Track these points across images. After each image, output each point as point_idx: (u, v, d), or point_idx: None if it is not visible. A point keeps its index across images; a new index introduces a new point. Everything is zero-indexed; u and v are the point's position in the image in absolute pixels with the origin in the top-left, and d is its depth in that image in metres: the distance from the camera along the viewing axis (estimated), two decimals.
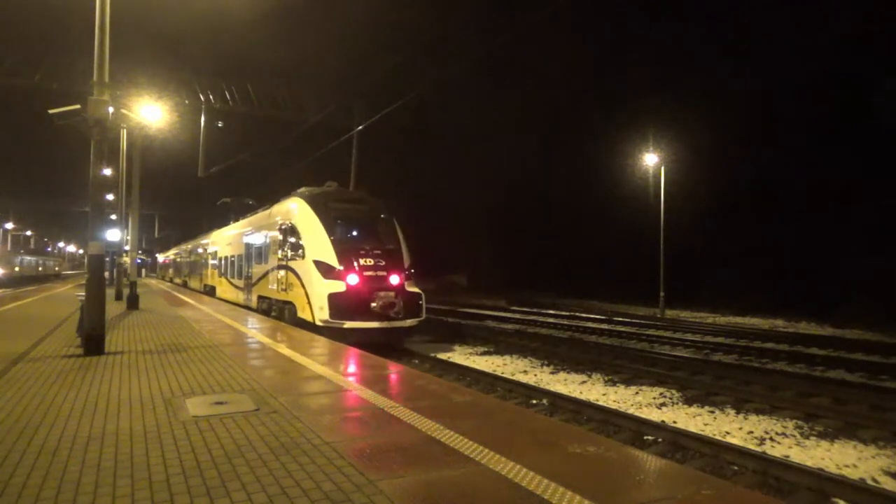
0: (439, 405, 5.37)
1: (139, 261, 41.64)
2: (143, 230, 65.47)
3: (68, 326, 11.08)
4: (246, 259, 19.34)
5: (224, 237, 24.22)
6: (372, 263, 13.12)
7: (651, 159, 26.83)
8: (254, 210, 20.98)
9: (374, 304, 12.56)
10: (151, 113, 17.58)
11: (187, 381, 6.35)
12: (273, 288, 15.64)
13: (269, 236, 16.38)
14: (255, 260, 18.20)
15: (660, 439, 7.17)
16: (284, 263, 14.62)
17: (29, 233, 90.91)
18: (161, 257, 62.74)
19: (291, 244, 14.28)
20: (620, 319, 22.62)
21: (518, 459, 3.78)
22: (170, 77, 27.00)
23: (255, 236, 18.42)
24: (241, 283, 19.76)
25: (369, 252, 13.32)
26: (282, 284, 14.82)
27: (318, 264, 13.02)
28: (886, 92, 26.33)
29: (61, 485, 3.37)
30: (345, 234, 13.99)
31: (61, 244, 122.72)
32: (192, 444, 4.10)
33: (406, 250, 14.15)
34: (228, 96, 27.65)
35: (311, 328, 12.43)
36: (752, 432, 7.56)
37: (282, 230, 14.98)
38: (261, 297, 17.20)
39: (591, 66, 58.42)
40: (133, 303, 16.70)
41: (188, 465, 3.70)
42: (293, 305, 13.98)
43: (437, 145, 55.35)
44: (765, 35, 37.94)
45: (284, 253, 14.62)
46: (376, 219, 14.59)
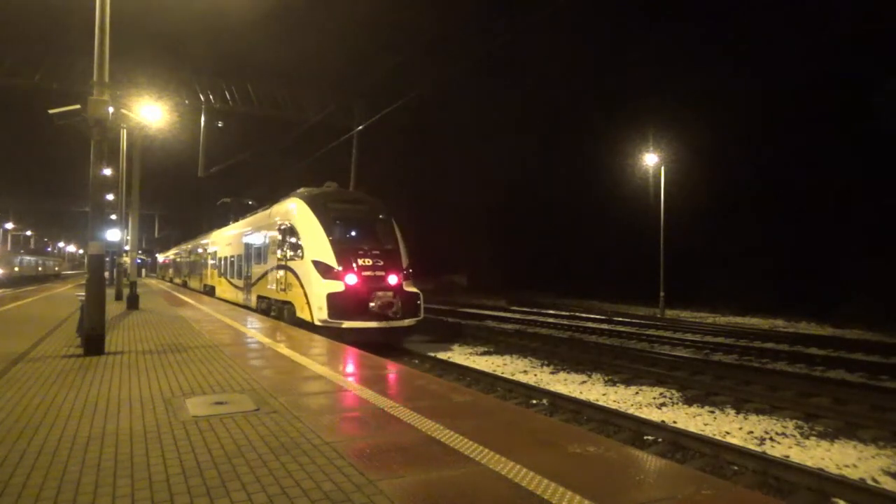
0: (439, 405, 5.37)
1: (139, 261, 41.62)
2: (143, 230, 65.53)
3: (68, 326, 11.09)
4: (245, 259, 19.35)
5: (224, 237, 24.23)
6: (370, 263, 13.14)
7: (651, 159, 26.82)
8: (253, 210, 21.01)
9: (373, 304, 12.58)
10: (151, 113, 17.58)
11: (187, 381, 6.35)
12: (272, 288, 15.66)
13: (269, 236, 16.39)
14: (254, 260, 18.21)
15: (660, 439, 7.17)
16: (284, 264, 14.64)
17: (29, 233, 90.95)
18: (161, 257, 62.73)
19: (290, 244, 14.30)
20: (620, 319, 22.62)
21: (518, 459, 3.78)
22: (170, 77, 27.00)
23: (254, 236, 18.43)
24: (241, 283, 19.77)
25: (368, 252, 13.34)
26: (281, 284, 14.84)
27: (317, 264, 13.04)
28: (886, 92, 26.32)
29: (61, 485, 3.37)
30: (343, 234, 14.02)
31: (61, 244, 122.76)
32: (192, 444, 4.10)
33: (404, 250, 14.16)
34: (228, 96, 27.63)
35: (310, 328, 12.44)
36: (752, 432, 7.56)
37: (281, 230, 15.00)
38: (260, 297, 17.22)
39: (591, 66, 58.46)
40: (133, 303, 16.72)
41: (188, 465, 3.70)
42: (292, 305, 14.00)
43: (437, 145, 55.33)
44: (765, 35, 37.97)
45: (284, 253, 14.64)
46: (375, 219, 14.61)
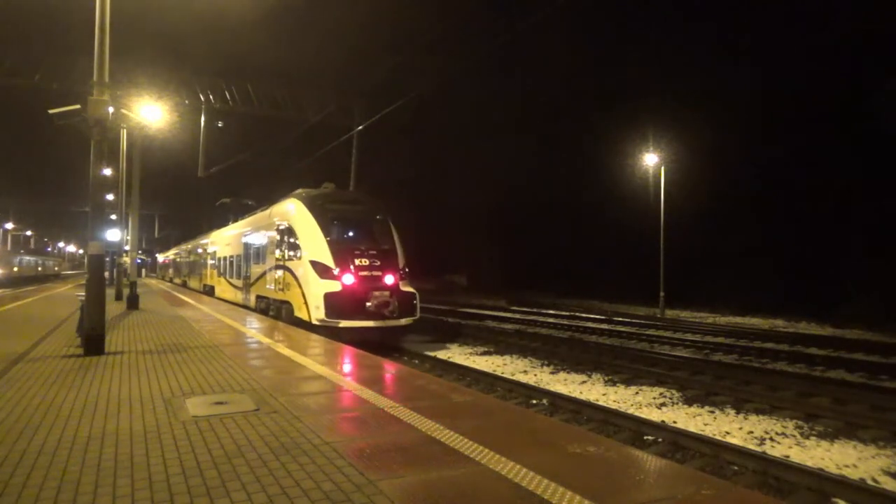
0: (439, 405, 5.37)
1: (139, 261, 41.60)
2: (143, 230, 65.49)
3: (68, 326, 11.09)
4: (244, 259, 19.41)
5: (223, 237, 24.27)
6: (367, 263, 13.23)
7: (651, 159, 26.81)
8: (252, 211, 21.07)
9: (370, 304, 12.66)
10: (151, 113, 17.57)
11: (187, 380, 6.35)
12: (271, 288, 15.73)
13: (267, 236, 16.46)
14: (253, 260, 18.27)
15: (660, 439, 7.17)
16: (282, 264, 14.72)
17: (29, 233, 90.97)
18: (161, 257, 62.74)
19: (289, 244, 14.38)
20: (620, 319, 22.61)
21: (518, 459, 3.78)
22: (170, 77, 26.97)
23: (253, 237, 18.49)
24: (240, 283, 19.83)
25: (364, 252, 13.43)
26: (279, 284, 14.91)
27: (315, 264, 13.13)
28: (886, 92, 26.31)
29: (61, 485, 3.37)
30: (341, 234, 14.10)
31: (61, 244, 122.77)
32: (192, 444, 4.10)
33: (401, 250, 14.24)
34: (228, 96, 27.61)
35: (308, 327, 12.53)
36: (752, 432, 7.56)
37: (279, 231, 15.09)
38: (259, 297, 17.27)
39: (591, 66, 58.47)
40: (133, 303, 16.72)
41: (188, 465, 3.70)
42: (290, 305, 14.07)
43: (437, 145, 55.39)
44: (765, 35, 37.98)
45: (282, 253, 14.73)
46: (372, 219, 14.70)
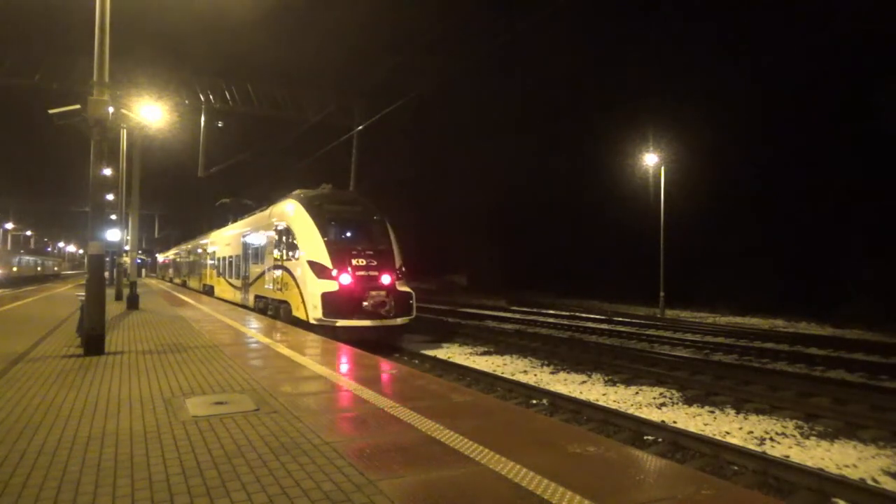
0: (439, 405, 5.37)
1: (139, 261, 41.60)
2: (143, 230, 65.48)
3: (68, 326, 11.09)
4: (244, 259, 19.50)
5: (222, 238, 24.31)
6: (364, 263, 13.35)
7: (651, 159, 26.81)
8: (251, 211, 21.15)
9: (366, 303, 12.76)
10: (151, 113, 17.58)
11: (187, 380, 6.35)
12: (269, 287, 15.81)
13: (266, 237, 16.55)
14: (252, 260, 18.36)
15: (660, 439, 7.17)
16: (280, 264, 14.83)
17: (29, 233, 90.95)
18: (161, 257, 62.74)
19: (287, 245, 14.49)
20: (620, 319, 22.61)
21: (518, 459, 3.78)
22: (170, 77, 26.96)
23: (252, 237, 18.58)
24: (239, 283, 19.90)
25: (361, 252, 13.54)
26: (277, 284, 15.00)
27: (312, 264, 13.23)
28: (886, 92, 26.29)
29: (61, 485, 3.37)
30: (338, 234, 14.20)
31: (61, 244, 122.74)
32: (192, 444, 4.10)
33: (398, 250, 14.33)
34: (228, 96, 27.60)
35: (306, 326, 12.63)
36: (752, 432, 7.56)
37: (278, 231, 15.20)
38: (258, 297, 17.34)
39: (591, 66, 58.46)
40: (133, 303, 16.72)
41: (188, 465, 3.70)
42: (288, 304, 14.16)
43: (437, 145, 55.40)
44: (765, 35, 37.96)
45: (280, 253, 14.84)
46: (369, 220, 14.80)
